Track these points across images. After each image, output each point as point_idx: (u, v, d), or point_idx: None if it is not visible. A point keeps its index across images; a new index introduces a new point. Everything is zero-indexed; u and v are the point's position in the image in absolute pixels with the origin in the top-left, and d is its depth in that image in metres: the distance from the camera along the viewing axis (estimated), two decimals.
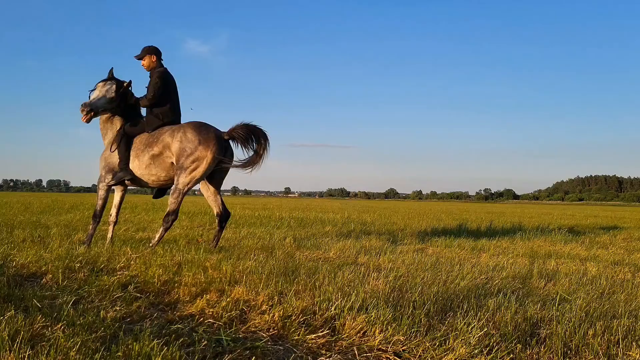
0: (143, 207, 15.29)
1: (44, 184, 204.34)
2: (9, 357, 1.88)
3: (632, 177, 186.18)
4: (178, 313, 2.61)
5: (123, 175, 4.99)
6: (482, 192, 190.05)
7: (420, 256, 4.73)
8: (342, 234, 7.32)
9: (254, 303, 2.72)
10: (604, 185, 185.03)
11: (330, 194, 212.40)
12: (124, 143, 5.02)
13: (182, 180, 4.70)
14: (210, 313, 2.58)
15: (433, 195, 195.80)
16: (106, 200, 5.20)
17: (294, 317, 2.46)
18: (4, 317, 2.26)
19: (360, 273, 3.54)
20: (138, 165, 4.97)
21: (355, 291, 2.85)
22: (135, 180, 5.05)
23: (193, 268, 3.57)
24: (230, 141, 4.91)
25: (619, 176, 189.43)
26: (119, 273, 3.48)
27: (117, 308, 2.61)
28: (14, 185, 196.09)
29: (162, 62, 5.25)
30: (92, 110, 4.97)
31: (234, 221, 9.45)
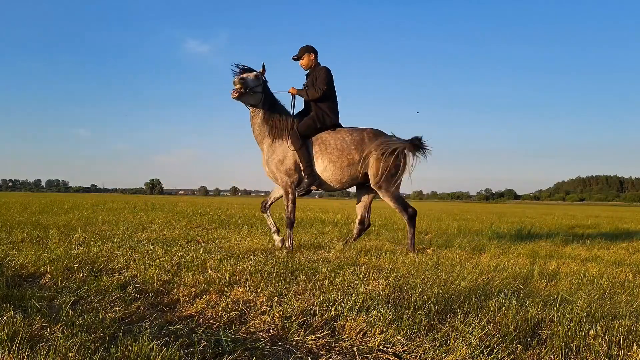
0: (142, 208, 15.29)
1: (43, 184, 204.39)
2: (8, 358, 1.88)
3: (633, 177, 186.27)
4: (177, 314, 2.60)
5: (312, 182, 5.05)
6: (483, 192, 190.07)
7: (420, 256, 4.72)
8: (342, 234, 7.31)
9: (253, 304, 2.71)
10: (605, 186, 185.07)
11: (331, 194, 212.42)
12: (305, 147, 5.04)
13: (391, 188, 5.08)
14: (210, 314, 2.57)
15: (434, 195, 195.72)
16: (295, 202, 5.22)
17: (293, 318, 2.45)
18: (2, 318, 2.26)
19: (361, 274, 3.53)
20: (333, 170, 5.03)
21: (356, 292, 2.84)
22: (321, 184, 5.12)
23: (192, 268, 3.56)
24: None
25: (620, 176, 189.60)
26: (118, 273, 3.48)
27: (116, 308, 2.60)
28: (13, 185, 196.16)
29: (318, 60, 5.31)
30: (245, 85, 4.87)
31: (233, 221, 9.44)
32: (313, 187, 5.15)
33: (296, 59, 5.29)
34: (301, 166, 5.04)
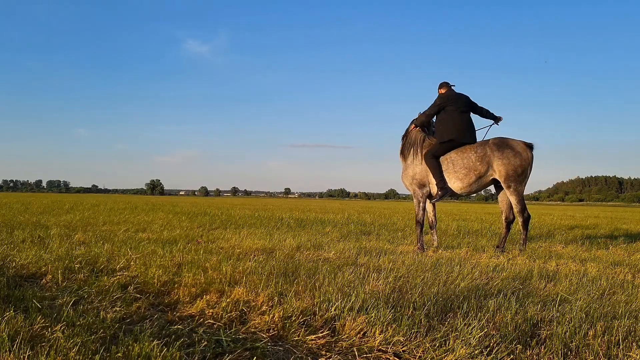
0: (143, 208, 15.31)
1: (44, 184, 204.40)
2: (9, 358, 1.88)
3: (632, 178, 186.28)
4: (178, 314, 2.61)
5: (444, 194, 5.74)
6: (482, 192, 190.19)
7: (420, 257, 4.73)
8: (342, 234, 7.32)
9: (253, 304, 2.71)
10: (604, 186, 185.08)
11: (330, 194, 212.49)
12: (438, 164, 5.73)
13: (519, 188, 5.69)
14: (210, 314, 2.57)
15: None
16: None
17: (294, 318, 2.46)
18: (3, 318, 2.26)
19: (360, 274, 3.54)
20: (460, 185, 5.67)
21: (355, 292, 2.85)
22: (453, 194, 5.85)
23: (193, 269, 3.57)
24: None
25: (619, 177, 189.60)
26: (118, 274, 3.48)
27: (117, 309, 2.61)
28: (14, 186, 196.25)
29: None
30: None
31: (233, 222, 9.44)
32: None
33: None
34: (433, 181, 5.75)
